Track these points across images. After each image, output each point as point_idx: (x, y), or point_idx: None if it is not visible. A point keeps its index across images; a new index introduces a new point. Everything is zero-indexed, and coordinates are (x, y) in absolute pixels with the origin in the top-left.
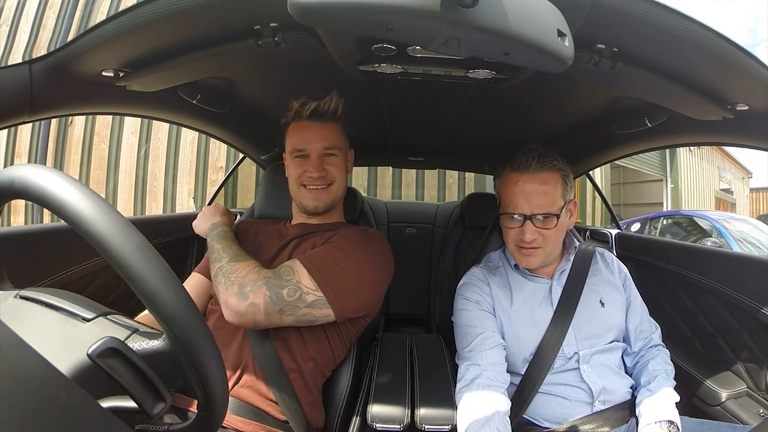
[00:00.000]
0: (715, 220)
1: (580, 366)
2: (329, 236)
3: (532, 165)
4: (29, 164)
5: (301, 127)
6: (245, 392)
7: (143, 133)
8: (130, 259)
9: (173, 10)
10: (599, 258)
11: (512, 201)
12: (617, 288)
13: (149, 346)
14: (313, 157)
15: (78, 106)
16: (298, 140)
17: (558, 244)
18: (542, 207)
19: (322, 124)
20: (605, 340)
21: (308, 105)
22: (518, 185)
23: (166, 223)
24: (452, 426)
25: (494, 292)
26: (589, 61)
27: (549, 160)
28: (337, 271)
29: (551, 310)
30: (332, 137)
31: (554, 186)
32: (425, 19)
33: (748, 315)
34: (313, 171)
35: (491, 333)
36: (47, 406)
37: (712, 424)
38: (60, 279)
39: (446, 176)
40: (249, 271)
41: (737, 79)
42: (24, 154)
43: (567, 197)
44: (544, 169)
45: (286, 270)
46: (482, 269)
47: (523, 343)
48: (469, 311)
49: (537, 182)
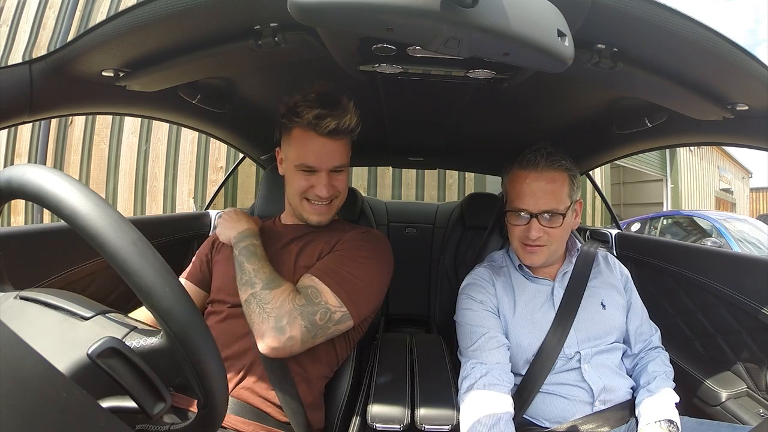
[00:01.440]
0: (715, 220)
1: (581, 365)
2: (333, 241)
3: (540, 163)
4: (25, 164)
5: (312, 141)
6: (246, 393)
7: (143, 133)
8: (125, 254)
9: (173, 10)
10: (601, 260)
11: (519, 198)
12: (618, 290)
13: (147, 343)
14: (323, 176)
15: (78, 106)
16: (308, 156)
17: (562, 243)
18: (549, 205)
19: (337, 141)
20: (606, 341)
21: (327, 122)
22: (526, 183)
23: (166, 223)
24: (452, 426)
25: (498, 292)
26: (589, 61)
27: (557, 159)
28: (354, 281)
29: (553, 311)
30: (344, 153)
31: (561, 185)
32: (425, 19)
33: (748, 315)
34: (323, 190)
35: (496, 333)
36: (47, 406)
37: (712, 424)
38: (60, 279)
39: (446, 176)
40: (284, 300)
41: (737, 79)
42: (24, 154)
43: (573, 197)
44: (552, 168)
45: (313, 292)
46: (487, 269)
47: (524, 344)
48: (474, 311)
49: (545, 181)
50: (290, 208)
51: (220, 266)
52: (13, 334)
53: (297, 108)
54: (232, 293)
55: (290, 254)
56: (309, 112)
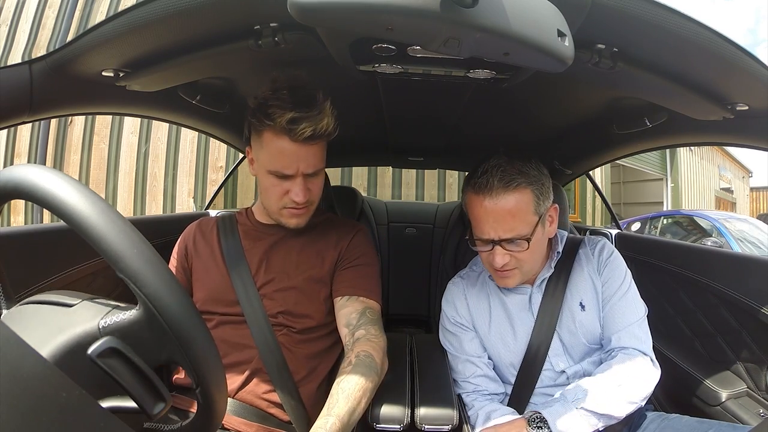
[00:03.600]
0: (716, 220)
1: (570, 383)
2: (342, 244)
3: (494, 186)
4: (21, 165)
5: (286, 147)
6: (249, 397)
7: (143, 133)
8: (93, 220)
9: (173, 10)
10: (582, 255)
11: (477, 225)
12: (595, 284)
13: (126, 316)
14: (298, 181)
15: (78, 106)
16: (282, 163)
17: (536, 261)
18: (510, 232)
19: (313, 145)
20: (592, 349)
21: (303, 128)
22: (482, 208)
23: (166, 223)
24: (452, 426)
25: (472, 306)
26: (589, 61)
27: (513, 178)
28: (379, 281)
29: (532, 319)
30: (320, 157)
31: (524, 205)
32: (425, 19)
33: (748, 315)
34: (300, 195)
35: (473, 356)
36: (47, 406)
37: (712, 424)
38: (60, 279)
39: (446, 176)
40: (376, 365)
41: (737, 79)
42: (24, 154)
43: (541, 209)
44: (509, 191)
45: (371, 313)
46: (461, 282)
47: (504, 355)
48: (451, 333)
49: (501, 206)
50: (265, 209)
51: (200, 276)
52: (13, 334)
53: (268, 108)
54: (219, 304)
55: (286, 256)
56: (282, 115)
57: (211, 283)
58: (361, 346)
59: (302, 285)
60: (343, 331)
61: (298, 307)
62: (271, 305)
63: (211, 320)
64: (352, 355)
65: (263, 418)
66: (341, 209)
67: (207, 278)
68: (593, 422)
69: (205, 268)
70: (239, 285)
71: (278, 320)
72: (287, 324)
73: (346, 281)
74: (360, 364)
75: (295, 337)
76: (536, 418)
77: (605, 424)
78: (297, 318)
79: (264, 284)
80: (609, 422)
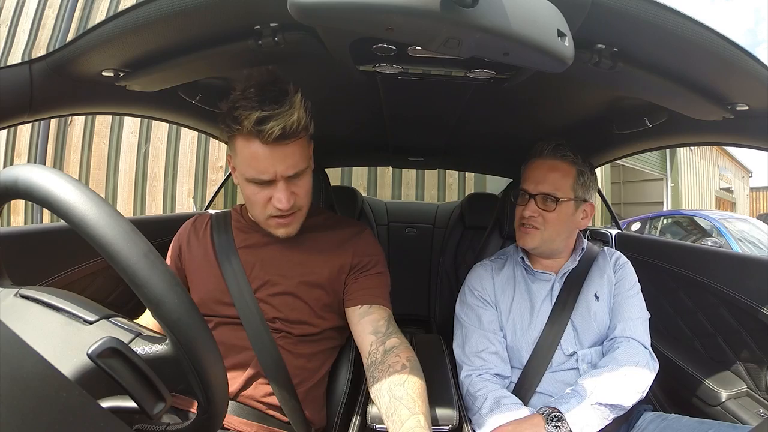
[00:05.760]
0: (716, 220)
1: (579, 366)
2: (348, 248)
3: (545, 151)
4: (32, 164)
5: (259, 152)
6: (248, 400)
7: (143, 132)
8: (136, 265)
9: (173, 10)
10: (600, 258)
11: (524, 180)
12: (609, 282)
13: (152, 351)
14: (280, 186)
15: (78, 106)
16: (257, 169)
17: (558, 233)
18: (546, 189)
19: (288, 145)
20: (600, 337)
21: (270, 128)
22: (531, 167)
23: (166, 223)
24: (452, 426)
25: (498, 285)
26: (589, 61)
27: (562, 151)
28: (388, 285)
29: (550, 306)
30: (300, 156)
31: (564, 175)
32: (425, 19)
33: (748, 315)
34: (283, 201)
35: (490, 333)
36: (47, 406)
37: (712, 424)
38: (60, 279)
39: (446, 176)
40: (413, 370)
41: (737, 79)
42: (23, 153)
43: (578, 193)
44: (555, 157)
45: (390, 317)
46: (491, 263)
47: (520, 335)
48: (470, 306)
49: (546, 167)
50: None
51: (194, 277)
52: (13, 334)
53: (235, 111)
54: (217, 306)
55: (282, 255)
56: (248, 117)
57: (206, 285)
58: (406, 352)
59: (298, 290)
60: (370, 338)
61: (294, 313)
62: (268, 310)
63: (209, 322)
64: (401, 359)
65: (263, 418)
66: (341, 209)
67: (201, 280)
68: (606, 414)
69: (199, 269)
70: (234, 287)
71: (276, 325)
72: (284, 329)
73: (365, 289)
74: (414, 368)
75: (293, 340)
76: (554, 416)
77: (615, 415)
78: (294, 324)
79: (260, 287)
80: (619, 413)
